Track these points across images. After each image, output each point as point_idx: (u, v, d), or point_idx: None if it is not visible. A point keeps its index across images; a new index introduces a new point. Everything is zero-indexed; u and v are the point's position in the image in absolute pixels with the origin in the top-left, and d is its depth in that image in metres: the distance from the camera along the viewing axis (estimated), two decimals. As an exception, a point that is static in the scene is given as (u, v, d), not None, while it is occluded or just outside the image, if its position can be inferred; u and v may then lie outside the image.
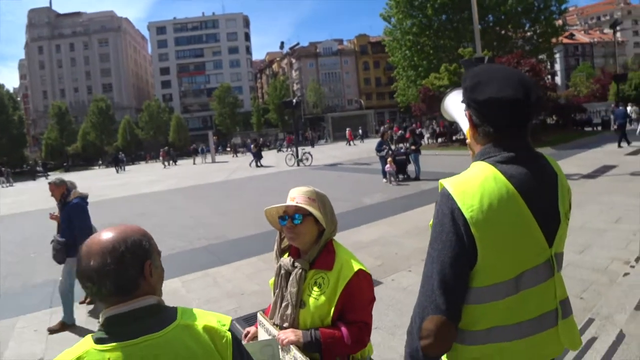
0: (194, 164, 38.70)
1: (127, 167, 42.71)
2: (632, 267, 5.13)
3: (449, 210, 1.33)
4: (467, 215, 1.30)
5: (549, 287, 1.41)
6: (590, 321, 3.81)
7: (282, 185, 16.69)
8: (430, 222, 1.46)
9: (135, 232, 1.21)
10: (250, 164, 27.93)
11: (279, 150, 43.51)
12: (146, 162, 57.48)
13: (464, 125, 1.71)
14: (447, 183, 1.38)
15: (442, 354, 1.40)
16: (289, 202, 1.89)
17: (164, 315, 1.18)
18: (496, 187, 1.33)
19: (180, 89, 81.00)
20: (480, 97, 1.38)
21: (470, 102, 1.43)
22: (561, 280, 1.44)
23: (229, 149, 50.48)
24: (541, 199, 1.38)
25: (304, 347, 1.75)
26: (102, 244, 1.15)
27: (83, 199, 5.41)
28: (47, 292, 6.51)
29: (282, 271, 1.95)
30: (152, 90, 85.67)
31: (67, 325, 5.07)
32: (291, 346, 1.77)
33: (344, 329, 1.77)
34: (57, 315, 5.37)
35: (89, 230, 5.24)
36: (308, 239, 1.89)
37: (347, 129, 43.97)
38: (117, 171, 39.06)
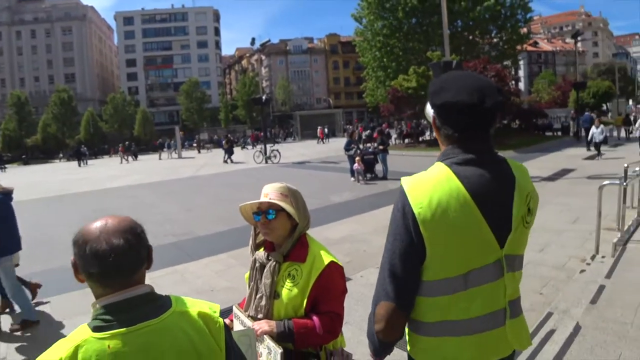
0: (160, 159, 37.89)
1: (89, 161, 41.41)
2: (588, 264, 5.40)
3: (402, 206, 1.43)
4: (416, 212, 1.38)
5: (498, 286, 1.44)
6: (549, 315, 4.00)
7: (250, 182, 16.57)
8: None
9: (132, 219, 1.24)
10: (224, 160, 27.72)
11: (243, 147, 43.11)
12: (110, 156, 55.81)
13: None
14: (405, 181, 1.47)
15: (393, 340, 1.52)
16: (263, 199, 1.93)
17: (159, 303, 1.19)
18: (447, 188, 1.39)
19: (147, 82, 79.02)
20: (438, 101, 1.48)
21: (432, 105, 1.52)
22: (512, 281, 1.47)
23: (195, 145, 49.52)
24: (494, 202, 1.42)
25: (277, 337, 1.79)
26: (120, 224, 1.17)
27: (6, 194, 4.99)
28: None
29: (257, 264, 1.99)
30: (118, 82, 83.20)
31: (30, 322, 4.88)
32: (265, 336, 1.81)
33: (316, 319, 1.81)
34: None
35: (13, 228, 4.97)
36: (282, 233, 1.94)
37: (319, 127, 43.99)
38: (80, 165, 37.84)
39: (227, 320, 2.13)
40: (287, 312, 1.86)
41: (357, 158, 14.73)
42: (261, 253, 2.01)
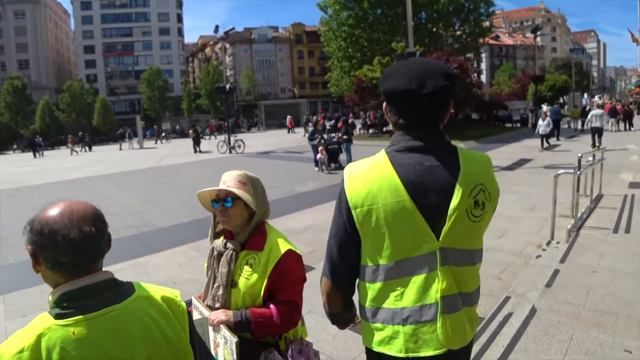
0: (121, 149, 36.78)
1: (45, 152, 39.73)
2: (544, 250, 5.61)
3: (340, 192, 1.48)
4: (348, 198, 1.43)
5: (431, 279, 1.40)
6: (507, 299, 4.13)
7: (213, 173, 16.25)
8: None
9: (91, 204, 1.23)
10: (195, 150, 27.30)
11: (202, 138, 42.49)
12: (67, 147, 53.85)
13: None
14: (346, 168, 1.51)
15: (335, 312, 1.65)
16: (221, 186, 1.91)
17: (122, 289, 1.18)
18: (380, 175, 1.40)
19: (106, 69, 76.17)
20: (382, 87, 1.48)
21: (382, 91, 1.50)
22: (448, 276, 1.40)
23: (164, 134, 48.14)
24: (431, 192, 1.39)
25: (234, 327, 1.77)
26: (87, 211, 1.15)
27: None
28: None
29: (215, 252, 1.97)
30: (75, 69, 79.78)
31: None
32: (221, 326, 1.79)
33: (273, 308, 1.80)
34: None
35: None
36: (239, 222, 1.92)
37: (288, 116, 43.68)
38: (35, 156, 36.29)
39: None
40: (245, 301, 1.84)
41: (320, 148, 14.74)
42: (219, 242, 1.98)
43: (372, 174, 1.42)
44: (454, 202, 1.38)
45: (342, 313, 1.65)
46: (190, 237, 7.28)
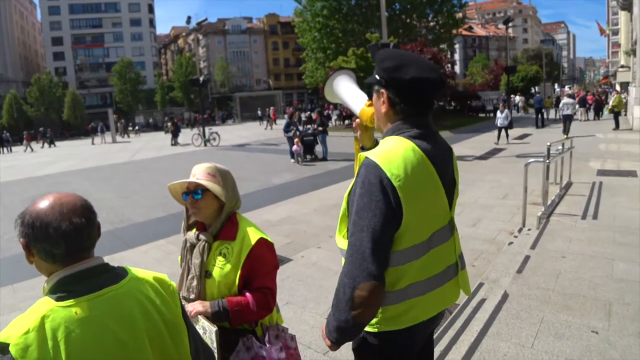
0: (93, 144, 35.93)
1: (14, 148, 38.52)
2: (515, 237, 5.76)
3: (377, 179, 1.41)
4: (395, 183, 1.40)
5: (450, 244, 1.63)
6: (480, 285, 4.24)
7: (187, 166, 15.89)
8: (347, 192, 1.56)
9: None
10: (172, 143, 27.14)
11: (167, 132, 41.94)
12: (37, 142, 52.32)
13: (357, 105, 1.82)
14: (372, 155, 1.46)
15: (368, 321, 1.48)
16: (191, 179, 1.94)
17: (116, 272, 1.24)
18: (415, 158, 1.46)
19: (76, 62, 73.95)
20: (405, 76, 1.49)
21: (391, 81, 1.52)
22: (458, 239, 1.68)
23: (130, 128, 47.06)
24: (445, 170, 1.57)
25: (212, 317, 1.80)
26: (76, 202, 1.20)
27: None
28: None
29: (188, 244, 2.00)
30: (43, 62, 77.27)
31: None
32: (199, 316, 1.80)
33: (249, 296, 1.84)
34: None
35: None
36: (210, 213, 1.94)
37: (271, 107, 43.20)
38: (3, 152, 35.19)
39: None
40: (221, 291, 1.87)
41: (296, 139, 14.72)
42: (192, 233, 2.01)
43: (409, 159, 1.45)
44: (457, 177, 1.68)
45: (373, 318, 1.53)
46: (166, 232, 7.20)
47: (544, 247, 5.15)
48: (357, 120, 1.84)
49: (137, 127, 47.25)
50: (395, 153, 1.45)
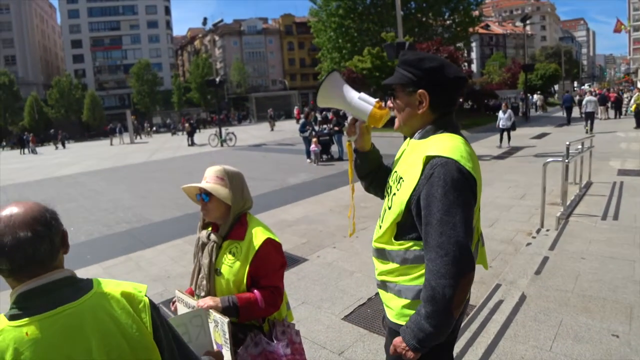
0: (112, 145, 36.48)
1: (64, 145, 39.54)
2: (534, 237, 5.68)
3: (459, 174, 1.44)
4: (475, 175, 1.49)
5: (478, 222, 1.69)
6: (497, 286, 4.18)
7: (204, 166, 16.14)
8: (408, 198, 1.54)
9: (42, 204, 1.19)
10: (189, 144, 27.45)
11: (174, 134, 42.47)
12: (55, 143, 53.30)
13: (365, 107, 1.72)
14: (442, 153, 1.48)
15: (461, 304, 1.48)
16: (202, 181, 2.03)
17: (79, 286, 1.16)
18: (472, 152, 1.56)
19: (95, 64, 75.15)
20: (449, 75, 1.56)
21: (434, 81, 1.57)
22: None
23: (149, 129, 47.60)
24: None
25: (223, 313, 1.86)
26: (27, 213, 1.11)
27: None
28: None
29: (200, 243, 2.09)
30: (63, 64, 78.69)
31: None
32: (210, 310, 1.86)
33: (257, 293, 1.93)
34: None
35: None
36: (218, 215, 2.02)
37: (296, 106, 43.32)
38: (22, 153, 36.02)
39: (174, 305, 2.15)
40: (230, 288, 1.95)
41: (314, 139, 14.72)
42: (204, 232, 2.09)
43: (466, 148, 1.55)
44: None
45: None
46: (183, 231, 7.26)
47: (563, 248, 5.06)
48: (358, 122, 1.76)
49: (154, 128, 47.64)
50: (462, 148, 1.52)
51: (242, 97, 69.22)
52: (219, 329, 1.82)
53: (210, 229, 2.11)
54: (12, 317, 1.06)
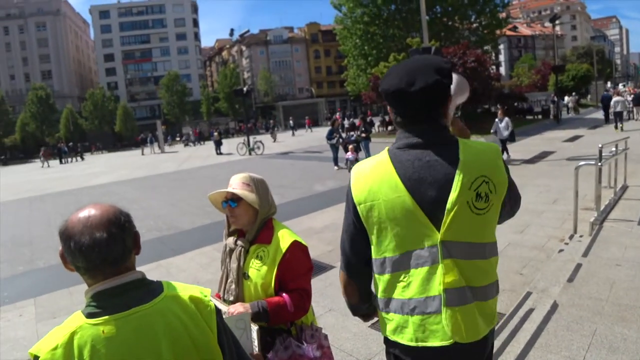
0: (143, 154, 37.43)
1: (70, 159, 40.79)
2: (566, 244, 5.52)
3: (347, 191, 1.57)
4: (353, 194, 1.53)
5: (433, 272, 1.42)
6: (528, 294, 4.09)
7: (232, 175, 16.44)
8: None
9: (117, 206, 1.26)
10: (217, 152, 28.06)
11: (186, 145, 43.21)
12: (91, 153, 55.05)
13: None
14: (353, 168, 1.60)
15: (352, 304, 1.76)
16: (228, 189, 2.07)
17: (151, 288, 1.22)
18: (381, 173, 1.49)
19: (126, 76, 77.54)
20: (379, 88, 1.56)
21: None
22: (452, 269, 1.41)
23: (178, 139, 48.63)
24: (429, 186, 1.42)
25: (252, 318, 1.86)
26: (103, 216, 1.18)
27: None
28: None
29: (227, 249, 2.13)
30: (96, 77, 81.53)
31: None
32: None
33: (286, 297, 1.94)
34: (2, 316, 5.14)
35: None
36: (246, 220, 2.06)
37: (337, 113, 43.66)
38: (61, 162, 37.46)
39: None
40: (258, 292, 1.97)
41: (350, 147, 14.67)
42: (230, 238, 2.14)
43: (373, 173, 1.50)
44: (452, 195, 1.40)
45: (359, 304, 1.74)
46: (212, 239, 7.38)
47: (597, 255, 4.91)
48: None
49: (183, 138, 48.48)
50: (365, 169, 1.54)
51: (269, 106, 70.02)
52: (256, 344, 1.83)
53: (236, 235, 2.15)
54: (89, 315, 1.12)
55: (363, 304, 1.74)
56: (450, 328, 1.41)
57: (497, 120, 13.66)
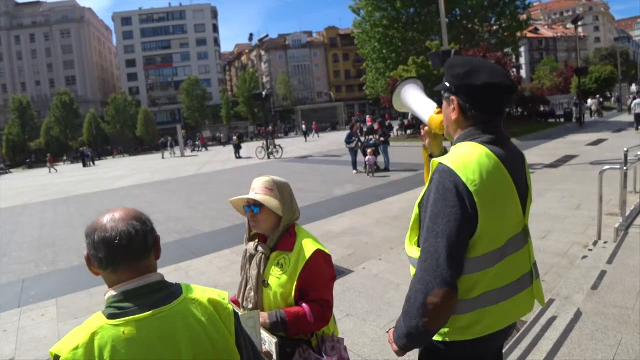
0: (163, 158, 37.98)
1: (94, 162, 41.68)
2: (590, 250, 5.39)
3: (452, 184, 1.40)
4: (471, 188, 1.39)
5: (525, 252, 1.58)
6: (550, 301, 4.00)
7: (252, 178, 16.55)
8: (419, 201, 1.56)
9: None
10: (236, 156, 28.28)
11: (193, 150, 43.07)
12: (113, 157, 56.12)
13: (425, 113, 1.81)
14: (446, 161, 1.46)
15: (440, 327, 1.46)
16: (250, 193, 2.00)
17: (171, 290, 1.23)
18: (489, 163, 1.45)
19: (147, 81, 78.99)
20: (476, 82, 1.49)
21: (463, 87, 1.53)
22: (532, 246, 1.62)
23: (197, 143, 49.13)
24: (518, 176, 1.54)
25: (270, 327, 1.82)
26: (125, 214, 1.24)
27: None
28: (15, 292, 6.36)
29: (247, 255, 2.05)
30: (118, 83, 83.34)
31: None
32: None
33: (306, 307, 1.85)
34: (25, 315, 5.26)
35: None
36: (268, 226, 1.99)
37: (368, 116, 43.41)
38: (84, 166, 38.24)
39: None
40: (277, 301, 1.90)
41: (369, 150, 14.60)
42: (251, 244, 2.06)
43: (483, 164, 1.44)
44: (529, 183, 1.64)
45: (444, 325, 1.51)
46: (231, 242, 7.43)
47: (623, 262, 4.77)
48: (426, 128, 1.84)
49: (199, 143, 48.46)
50: (470, 158, 1.44)
51: (288, 110, 70.41)
52: (266, 347, 1.80)
53: (257, 240, 2.09)
54: (110, 316, 1.14)
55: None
56: (537, 296, 1.65)
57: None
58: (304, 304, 1.88)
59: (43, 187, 22.78)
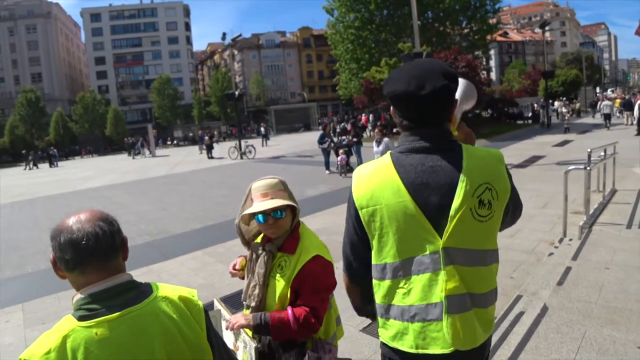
0: (133, 158, 37.18)
1: (60, 163, 40.37)
2: (556, 247, 5.57)
3: (349, 195, 1.55)
4: (355, 198, 1.51)
5: (435, 278, 1.41)
6: (518, 297, 4.12)
7: (225, 179, 16.53)
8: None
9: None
10: (208, 156, 28.05)
11: (136, 155, 38.60)
12: (82, 157, 54.64)
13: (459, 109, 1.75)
14: (355, 171, 1.58)
15: (356, 306, 1.73)
16: (263, 199, 1.89)
17: (141, 289, 1.24)
18: (383, 177, 1.46)
19: (117, 80, 77.04)
20: (384, 91, 1.53)
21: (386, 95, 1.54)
22: (454, 276, 1.40)
23: (169, 142, 47.99)
24: (432, 192, 1.41)
25: (254, 330, 1.81)
26: (91, 215, 1.23)
27: None
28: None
29: (254, 255, 2.02)
30: (87, 81, 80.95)
31: None
32: (241, 330, 1.84)
33: (290, 314, 1.80)
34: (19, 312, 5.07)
35: None
36: (287, 227, 1.95)
37: (363, 114, 42.75)
38: (51, 166, 37.04)
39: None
40: (275, 302, 1.88)
41: (341, 150, 14.69)
42: (257, 244, 2.04)
43: (376, 176, 1.47)
44: (456, 201, 1.39)
45: (362, 306, 1.71)
46: (203, 243, 7.34)
47: (586, 258, 4.95)
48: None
49: (174, 142, 47.70)
50: (367, 172, 1.52)
51: (261, 110, 69.92)
52: (247, 351, 1.79)
53: (260, 239, 2.07)
54: (81, 318, 1.13)
55: (367, 305, 1.65)
56: (451, 336, 1.41)
57: (374, 142, 11.70)
58: (289, 310, 1.83)
59: (8, 188, 21.98)
